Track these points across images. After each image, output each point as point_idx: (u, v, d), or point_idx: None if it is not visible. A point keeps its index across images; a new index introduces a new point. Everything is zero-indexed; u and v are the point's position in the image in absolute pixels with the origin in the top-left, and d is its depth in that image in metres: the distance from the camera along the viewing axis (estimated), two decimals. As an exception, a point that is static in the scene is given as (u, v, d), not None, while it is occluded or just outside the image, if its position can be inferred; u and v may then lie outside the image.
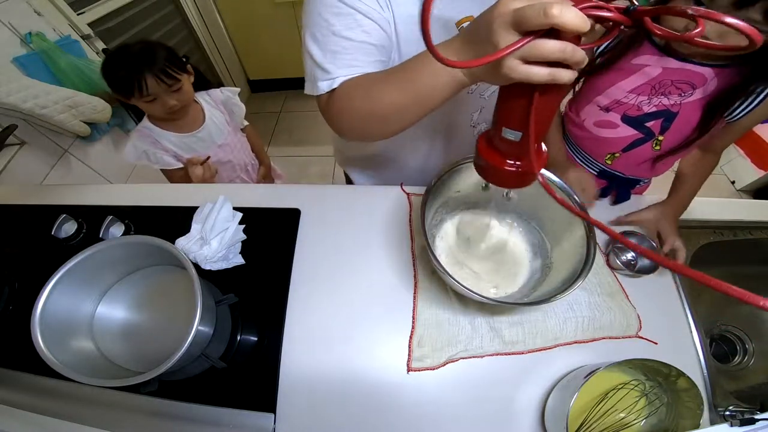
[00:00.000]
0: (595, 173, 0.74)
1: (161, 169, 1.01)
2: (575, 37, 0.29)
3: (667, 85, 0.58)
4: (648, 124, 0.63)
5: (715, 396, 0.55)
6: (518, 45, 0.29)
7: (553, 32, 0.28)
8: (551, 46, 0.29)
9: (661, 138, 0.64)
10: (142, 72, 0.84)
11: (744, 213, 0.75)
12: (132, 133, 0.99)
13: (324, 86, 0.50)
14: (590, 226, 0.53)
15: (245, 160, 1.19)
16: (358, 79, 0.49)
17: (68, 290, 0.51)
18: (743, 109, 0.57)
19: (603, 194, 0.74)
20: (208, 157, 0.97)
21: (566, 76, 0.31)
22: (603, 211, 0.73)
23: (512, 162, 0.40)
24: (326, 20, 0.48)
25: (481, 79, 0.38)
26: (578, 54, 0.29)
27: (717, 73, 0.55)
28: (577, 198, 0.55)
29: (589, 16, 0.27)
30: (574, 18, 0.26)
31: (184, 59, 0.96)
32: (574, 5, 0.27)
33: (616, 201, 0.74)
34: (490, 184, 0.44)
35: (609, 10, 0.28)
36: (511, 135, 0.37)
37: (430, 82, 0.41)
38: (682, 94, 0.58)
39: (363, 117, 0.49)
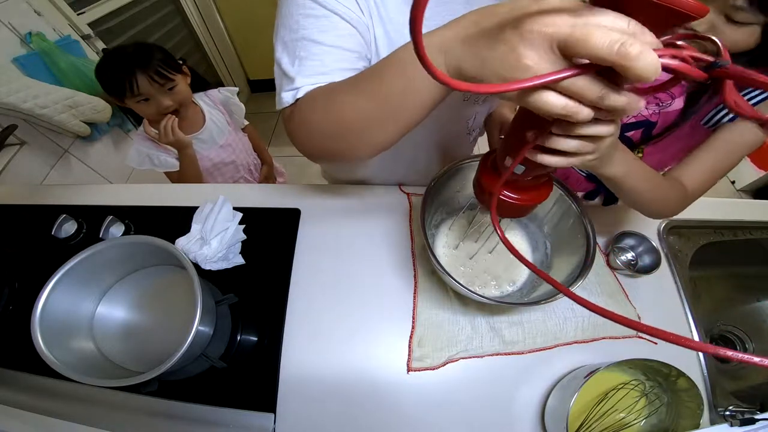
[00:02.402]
0: (584, 176, 0.74)
1: (164, 172, 1.01)
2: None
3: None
4: (628, 134, 0.63)
5: (715, 396, 0.55)
6: (563, 76, 0.22)
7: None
8: (596, 89, 0.23)
9: (642, 146, 0.64)
10: (134, 72, 0.84)
11: (744, 213, 0.75)
12: (134, 138, 0.99)
13: (287, 98, 0.43)
14: (590, 224, 0.53)
15: (248, 160, 1.19)
16: (321, 89, 0.41)
17: (68, 290, 0.51)
18: (727, 112, 0.51)
19: (591, 197, 0.74)
20: (173, 118, 0.93)
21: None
22: (593, 213, 0.73)
23: (511, 194, 0.38)
24: (297, 22, 0.42)
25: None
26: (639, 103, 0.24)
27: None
28: (574, 197, 0.55)
29: (664, 65, 0.21)
30: (648, 67, 0.20)
31: (180, 61, 0.95)
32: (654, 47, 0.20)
33: (605, 203, 0.74)
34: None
35: (689, 62, 0.22)
36: (515, 167, 0.35)
37: (403, 88, 0.34)
38: (661, 104, 0.57)
39: (323, 133, 0.41)
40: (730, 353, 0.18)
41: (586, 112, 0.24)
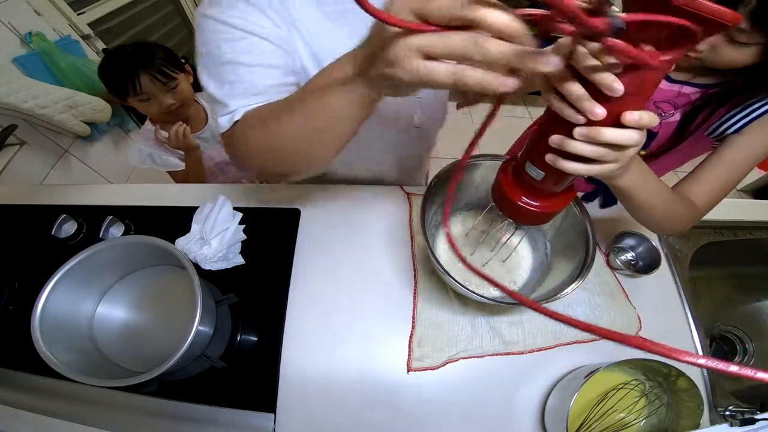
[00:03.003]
0: (584, 176, 0.74)
1: (168, 171, 1.01)
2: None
3: (648, 106, 0.57)
4: None
5: (715, 396, 0.55)
6: (413, 27, 0.24)
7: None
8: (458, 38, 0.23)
9: (642, 152, 0.63)
10: (136, 71, 0.84)
11: (744, 213, 0.75)
12: (136, 137, 0.98)
13: (224, 122, 0.44)
14: (590, 225, 0.53)
15: None
16: (256, 111, 0.43)
17: (68, 290, 0.51)
18: (731, 124, 0.49)
19: (590, 198, 0.74)
20: (184, 126, 0.94)
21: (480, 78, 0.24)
22: (593, 213, 0.73)
23: (530, 201, 0.38)
24: (219, 48, 0.43)
25: (382, 84, 0.31)
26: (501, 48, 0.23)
27: (702, 94, 0.52)
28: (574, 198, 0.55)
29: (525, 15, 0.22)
30: (497, 22, 0.22)
31: (183, 60, 0.95)
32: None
33: (603, 205, 0.74)
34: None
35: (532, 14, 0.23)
36: (533, 172, 0.35)
37: (330, 105, 0.35)
38: (663, 114, 0.56)
39: (265, 154, 0.42)
40: (718, 365, 0.17)
41: (478, 75, 0.24)
